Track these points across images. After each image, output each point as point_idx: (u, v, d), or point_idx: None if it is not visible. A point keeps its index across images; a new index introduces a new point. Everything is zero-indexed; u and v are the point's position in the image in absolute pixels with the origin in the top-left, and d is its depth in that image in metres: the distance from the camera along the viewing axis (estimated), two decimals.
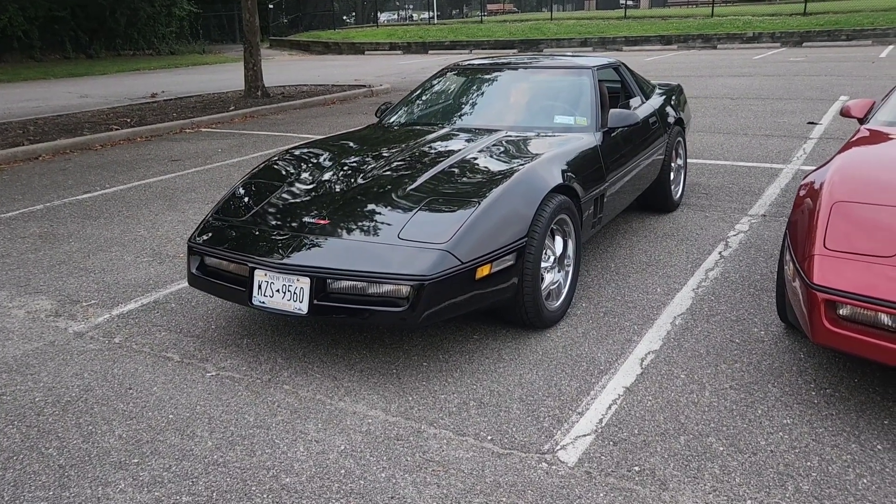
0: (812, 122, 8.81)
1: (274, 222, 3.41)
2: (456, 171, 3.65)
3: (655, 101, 5.35)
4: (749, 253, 4.49)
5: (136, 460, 2.58)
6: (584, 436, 2.65)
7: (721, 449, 2.54)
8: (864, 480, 2.35)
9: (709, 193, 5.90)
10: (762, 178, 6.28)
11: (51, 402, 3.00)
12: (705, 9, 29.45)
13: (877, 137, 3.69)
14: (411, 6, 44.89)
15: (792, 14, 25.72)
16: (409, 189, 3.47)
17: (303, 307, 3.03)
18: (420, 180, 3.54)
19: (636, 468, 2.46)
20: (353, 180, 3.69)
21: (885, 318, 2.51)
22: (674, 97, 5.78)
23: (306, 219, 3.36)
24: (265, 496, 2.37)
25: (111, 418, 2.86)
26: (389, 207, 3.34)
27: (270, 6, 35.11)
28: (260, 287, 3.13)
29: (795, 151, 7.26)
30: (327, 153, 4.18)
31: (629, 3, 37.47)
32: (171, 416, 2.87)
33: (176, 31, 30.96)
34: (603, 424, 2.72)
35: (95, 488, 2.43)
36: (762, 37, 23.26)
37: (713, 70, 15.83)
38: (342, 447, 2.62)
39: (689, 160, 7.03)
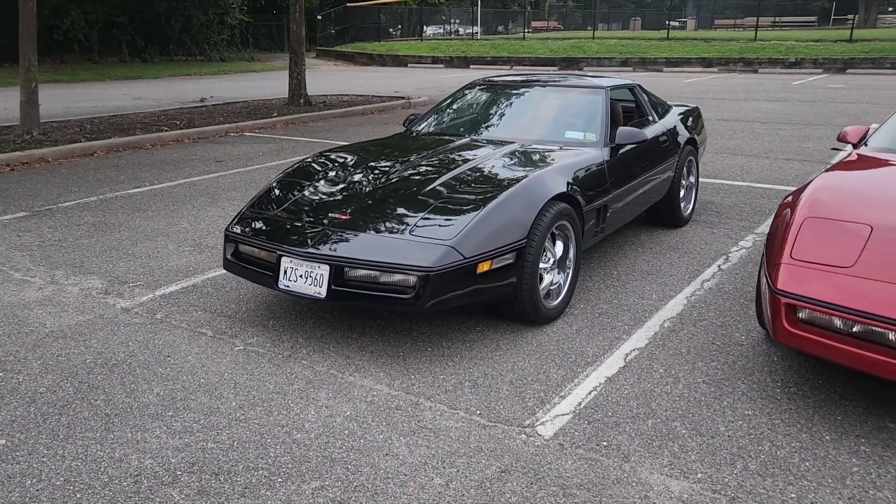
0: (837, 148, 8.95)
1: (302, 216, 3.80)
2: (469, 176, 4.01)
3: (668, 121, 5.64)
4: (747, 267, 4.75)
5: (170, 413, 2.98)
6: (563, 415, 2.97)
7: (683, 432, 2.84)
8: (807, 464, 2.63)
9: (720, 211, 6.15)
10: (775, 200, 6.51)
11: (99, 364, 3.43)
12: (749, 32, 29.41)
13: (862, 162, 3.94)
14: (457, 21, 45.46)
15: (837, 40, 25.58)
16: (424, 191, 3.83)
17: (322, 291, 3.41)
18: (435, 184, 3.90)
19: (604, 443, 2.77)
20: (375, 182, 4.07)
21: (837, 322, 2.79)
22: (690, 118, 6.06)
23: (330, 214, 3.74)
24: (278, 447, 2.74)
25: (151, 379, 3.28)
26: (405, 207, 3.71)
27: (319, 17, 36.06)
28: (286, 272, 3.52)
29: (813, 175, 7.44)
30: (355, 157, 4.58)
31: (676, 24, 37.49)
32: (202, 380, 3.27)
33: (227, 39, 32.03)
34: (581, 407, 3.03)
35: (135, 433, 2.84)
36: (804, 62, 23.22)
37: (749, 94, 15.94)
38: (348, 412, 2.99)
39: (707, 180, 7.29)
